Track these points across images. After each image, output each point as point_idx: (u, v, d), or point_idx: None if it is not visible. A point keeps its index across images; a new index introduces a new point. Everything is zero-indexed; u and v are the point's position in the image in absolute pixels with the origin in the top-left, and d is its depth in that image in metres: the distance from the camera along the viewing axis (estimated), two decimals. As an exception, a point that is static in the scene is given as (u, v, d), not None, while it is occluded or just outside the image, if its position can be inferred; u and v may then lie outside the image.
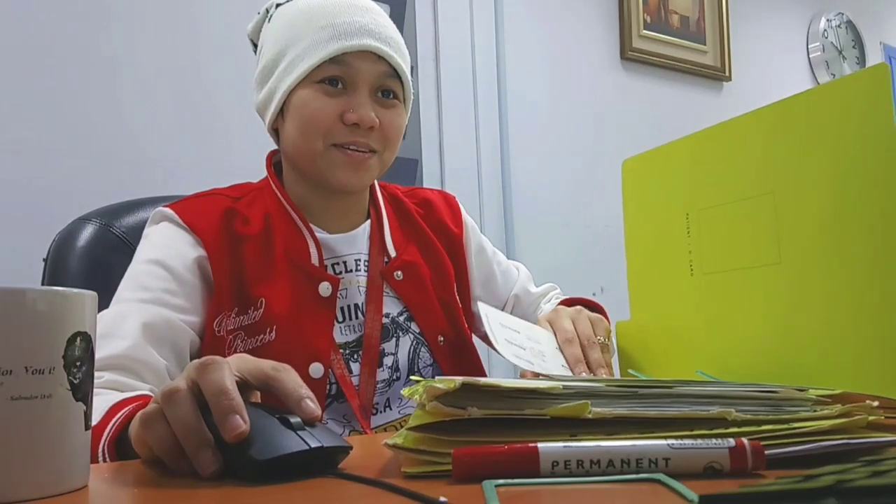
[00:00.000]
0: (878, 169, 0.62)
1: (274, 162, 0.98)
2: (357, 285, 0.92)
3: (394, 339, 0.92)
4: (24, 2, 1.44)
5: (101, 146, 1.50)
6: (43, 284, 0.98)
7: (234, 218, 0.89)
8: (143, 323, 0.78)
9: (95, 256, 0.97)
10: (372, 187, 0.99)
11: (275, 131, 0.95)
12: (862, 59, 3.19)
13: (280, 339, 0.84)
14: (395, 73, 0.90)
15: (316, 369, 0.85)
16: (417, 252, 0.98)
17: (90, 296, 0.46)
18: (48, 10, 1.47)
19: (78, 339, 0.44)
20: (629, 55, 2.40)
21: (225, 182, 0.99)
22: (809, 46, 3.04)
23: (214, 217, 0.88)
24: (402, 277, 0.94)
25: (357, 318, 0.91)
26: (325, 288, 0.88)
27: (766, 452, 0.42)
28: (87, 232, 0.98)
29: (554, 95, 2.26)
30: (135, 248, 0.90)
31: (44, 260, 0.99)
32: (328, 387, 0.86)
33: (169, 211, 0.89)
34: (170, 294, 0.82)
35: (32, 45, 1.45)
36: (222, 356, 0.78)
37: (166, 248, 0.86)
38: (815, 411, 0.49)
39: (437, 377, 0.50)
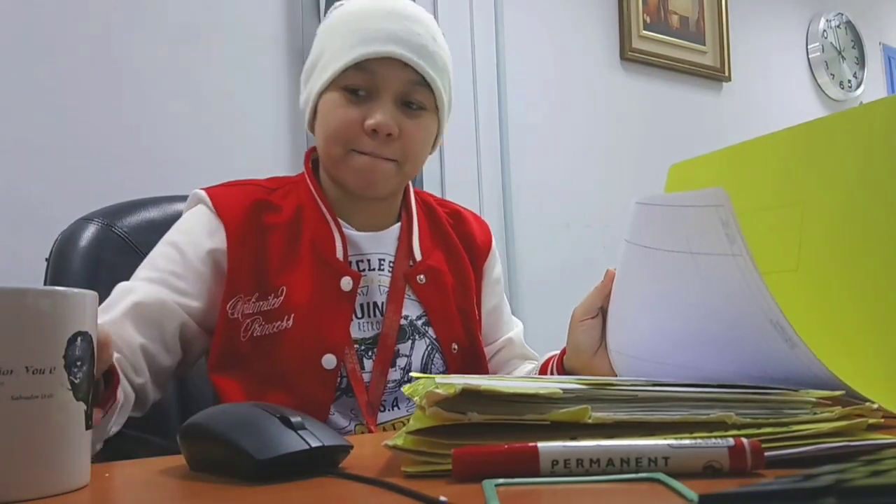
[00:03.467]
0: None
1: (313, 158, 1.00)
2: (379, 284, 0.93)
3: (410, 342, 0.93)
4: (25, 2, 1.44)
5: (104, 146, 1.50)
6: (45, 284, 0.98)
7: (264, 208, 0.91)
8: (135, 302, 0.81)
9: (97, 256, 0.97)
10: (406, 191, 1.00)
11: (313, 131, 0.97)
12: (861, 60, 3.19)
13: (296, 328, 0.86)
14: (424, 82, 0.89)
15: (328, 360, 0.86)
16: (443, 259, 0.99)
17: (91, 296, 0.46)
18: (49, 9, 1.47)
19: (79, 339, 0.44)
20: (629, 55, 2.40)
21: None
22: (809, 47, 3.05)
23: (243, 206, 0.90)
24: (424, 281, 0.95)
25: (375, 316, 0.92)
26: (346, 282, 0.89)
27: (766, 454, 0.42)
28: (90, 232, 0.98)
29: (554, 95, 2.26)
30: (136, 249, 0.93)
31: (46, 260, 0.99)
32: (339, 380, 0.87)
33: (203, 194, 0.91)
34: (175, 277, 0.85)
35: (34, 45, 1.45)
36: (238, 338, 0.83)
37: (187, 233, 0.88)
38: (814, 414, 0.49)
39: (437, 381, 0.50)
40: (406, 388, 0.55)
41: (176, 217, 1.03)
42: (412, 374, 0.87)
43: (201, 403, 1.01)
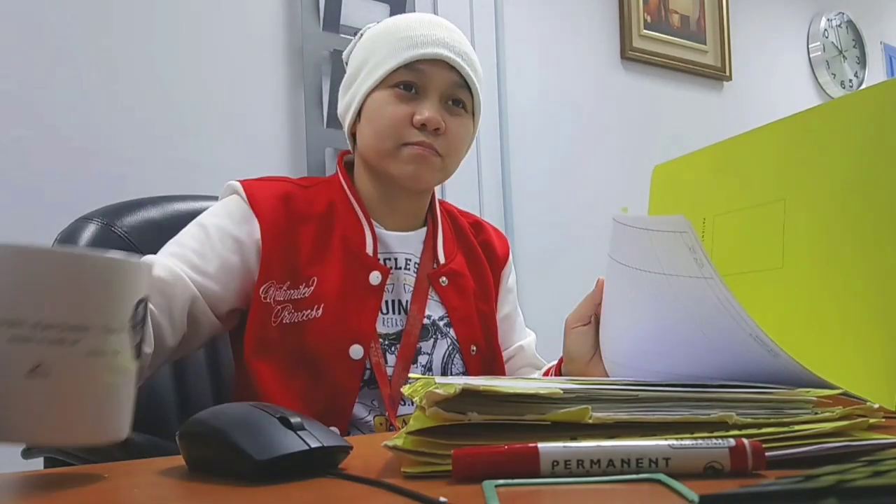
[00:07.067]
0: (888, 182, 0.62)
1: (345, 161, 1.04)
2: (404, 283, 0.97)
3: (432, 340, 0.96)
4: (25, 1, 1.44)
5: (104, 146, 1.50)
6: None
7: (296, 200, 0.94)
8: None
9: (96, 256, 0.97)
10: (432, 197, 1.04)
11: (352, 136, 1.01)
12: (862, 59, 3.19)
13: (326, 317, 0.89)
14: (466, 84, 0.95)
15: (356, 351, 0.90)
16: (465, 263, 1.03)
17: (149, 266, 0.49)
18: (49, 8, 1.47)
19: (141, 304, 0.47)
20: (629, 55, 2.40)
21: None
22: (810, 46, 3.04)
23: (276, 197, 0.93)
24: (447, 283, 0.99)
25: (400, 313, 0.95)
26: (375, 277, 0.93)
27: (767, 454, 0.42)
28: (89, 231, 0.98)
29: (554, 95, 2.26)
30: (136, 248, 0.95)
31: (45, 259, 0.99)
32: (364, 371, 0.90)
33: (238, 185, 0.94)
34: (196, 255, 0.87)
35: (33, 45, 1.45)
36: (269, 324, 0.86)
37: (217, 218, 0.91)
38: (815, 414, 0.49)
39: (437, 381, 0.50)
40: (406, 389, 0.56)
41: (176, 216, 1.03)
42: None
43: (201, 404, 1.01)
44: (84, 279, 0.44)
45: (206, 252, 0.88)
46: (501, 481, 0.40)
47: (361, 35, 1.01)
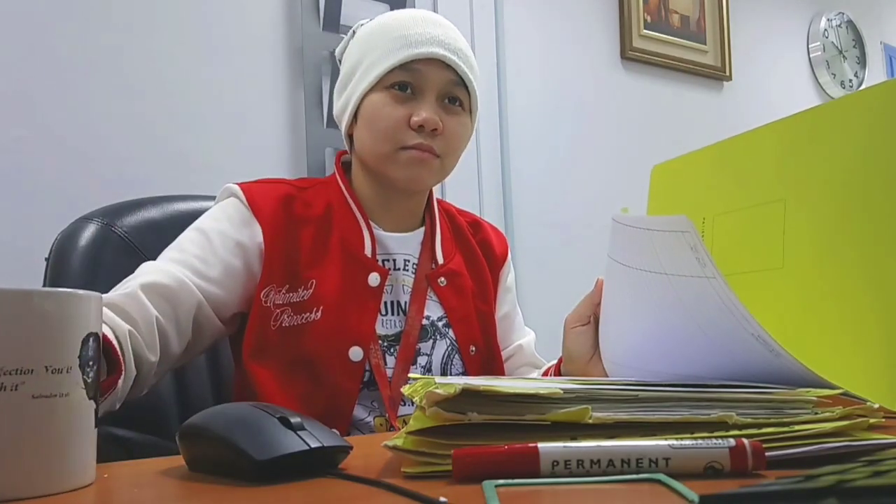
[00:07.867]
0: (888, 182, 0.62)
1: (342, 161, 1.04)
2: (403, 284, 0.97)
3: (431, 341, 0.96)
4: (25, 1, 1.44)
5: (104, 146, 1.50)
6: (45, 284, 0.98)
7: (295, 202, 0.94)
8: (154, 278, 0.82)
9: (97, 256, 0.97)
10: (430, 197, 1.04)
11: (349, 137, 1.00)
12: (862, 59, 3.19)
13: (325, 320, 0.89)
14: (462, 82, 0.95)
15: (355, 353, 0.89)
16: (463, 263, 1.03)
17: (98, 297, 0.47)
18: (49, 8, 1.47)
19: (91, 340, 0.45)
20: (629, 55, 2.40)
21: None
22: (810, 46, 3.04)
23: (275, 199, 0.93)
24: (445, 283, 0.99)
25: (398, 314, 0.95)
26: (374, 278, 0.93)
27: (767, 454, 0.42)
28: (89, 231, 0.98)
29: (554, 95, 2.26)
30: (136, 248, 0.95)
31: (45, 259, 0.99)
32: (364, 373, 0.90)
33: (236, 188, 0.93)
34: (199, 260, 0.87)
35: (33, 44, 1.45)
36: (268, 327, 0.85)
37: (217, 222, 0.91)
38: (816, 414, 0.49)
39: (437, 381, 0.50)
40: (406, 389, 0.56)
41: (176, 216, 1.03)
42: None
43: (201, 404, 1.01)
44: (21, 318, 0.41)
45: (209, 257, 0.87)
46: (501, 481, 0.40)
47: (354, 33, 1.00)
